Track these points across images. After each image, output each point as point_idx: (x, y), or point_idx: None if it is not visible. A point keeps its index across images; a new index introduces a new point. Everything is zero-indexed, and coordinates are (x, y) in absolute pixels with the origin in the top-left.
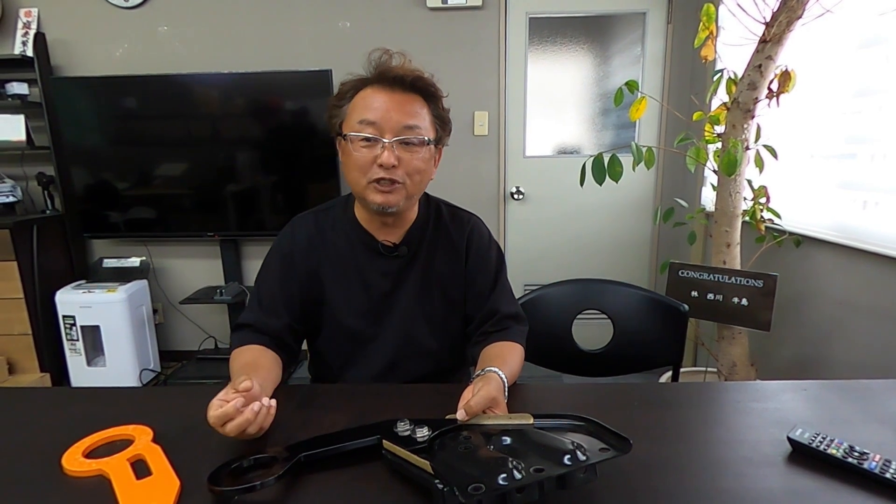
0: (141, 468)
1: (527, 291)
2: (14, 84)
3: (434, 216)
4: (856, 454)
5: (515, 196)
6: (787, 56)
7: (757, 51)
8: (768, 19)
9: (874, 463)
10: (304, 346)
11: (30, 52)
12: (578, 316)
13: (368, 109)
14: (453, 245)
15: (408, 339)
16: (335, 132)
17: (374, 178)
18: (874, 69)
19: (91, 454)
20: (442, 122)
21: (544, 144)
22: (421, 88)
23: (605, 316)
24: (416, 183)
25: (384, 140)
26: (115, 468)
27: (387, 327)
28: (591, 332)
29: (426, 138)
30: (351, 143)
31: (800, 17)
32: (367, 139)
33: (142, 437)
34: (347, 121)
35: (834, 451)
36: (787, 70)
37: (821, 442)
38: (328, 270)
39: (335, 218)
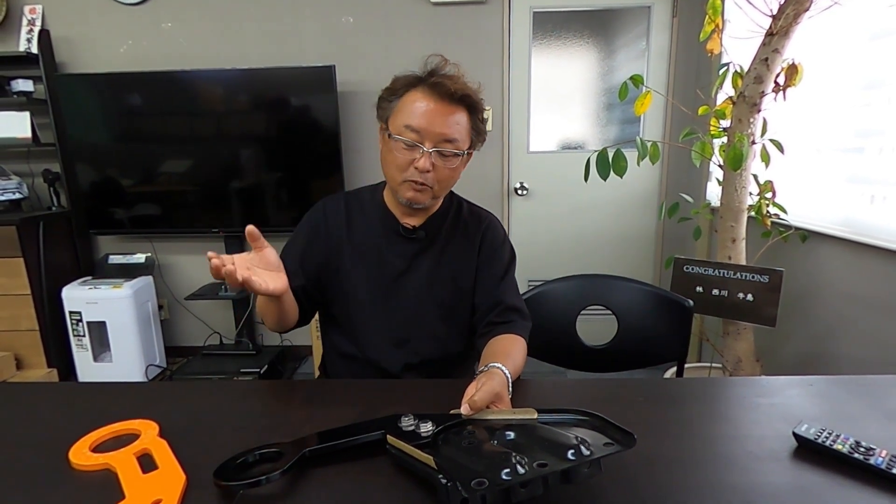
0: (147, 462)
1: (531, 287)
2: (19, 81)
3: (455, 210)
4: (862, 450)
5: (519, 191)
6: (794, 49)
7: (763, 44)
8: (775, 12)
9: (881, 458)
10: (309, 342)
11: (34, 49)
12: (583, 311)
13: (415, 115)
14: (468, 237)
15: (417, 320)
16: (381, 120)
17: (410, 178)
18: (884, 61)
19: (98, 448)
20: (477, 132)
21: (548, 139)
22: (467, 103)
23: (609, 311)
24: (443, 187)
25: (423, 147)
26: (122, 462)
27: (396, 305)
28: (596, 327)
29: (461, 151)
30: (394, 143)
31: (807, 9)
32: (409, 144)
33: (148, 432)
34: (394, 119)
35: (840, 447)
36: (793, 63)
37: (827, 437)
38: (350, 246)
39: (363, 200)
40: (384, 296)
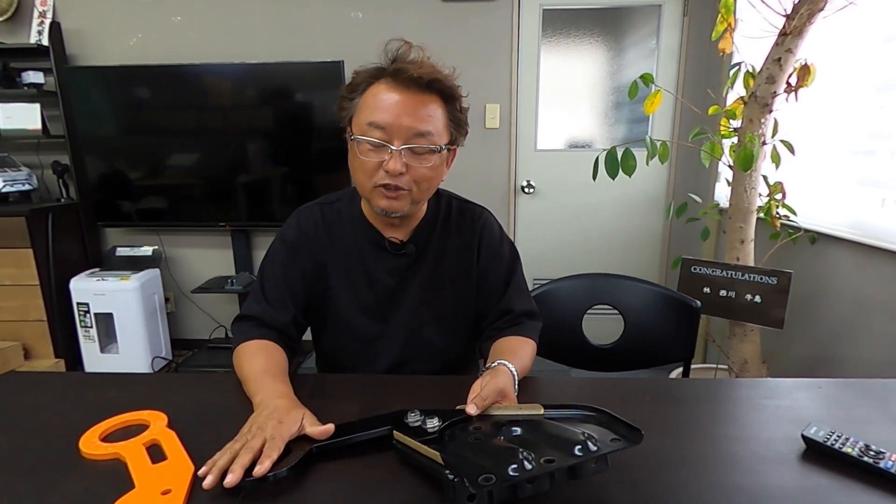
0: (156, 453)
1: (536, 286)
2: (30, 73)
3: (444, 213)
4: (872, 453)
5: (526, 190)
6: (806, 49)
7: (776, 44)
8: (789, 11)
9: (890, 462)
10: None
11: (45, 42)
12: (589, 310)
13: (379, 111)
14: (464, 241)
15: (415, 338)
16: (344, 125)
17: (381, 183)
18: None
19: (107, 438)
20: (457, 125)
21: (556, 138)
22: (438, 90)
23: (616, 311)
24: (423, 190)
25: (392, 147)
26: (131, 452)
27: (393, 325)
28: (602, 326)
29: (437, 146)
30: (358, 146)
31: (822, 9)
32: (376, 144)
33: (157, 423)
34: (357, 119)
35: (849, 450)
36: (806, 64)
37: (836, 440)
38: (333, 265)
39: (341, 211)
40: (377, 319)
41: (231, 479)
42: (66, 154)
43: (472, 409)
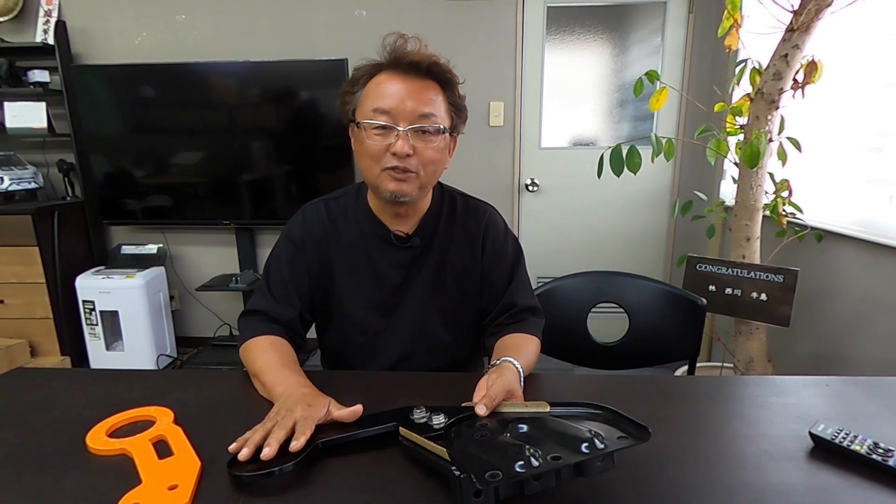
0: (163, 448)
1: (541, 283)
2: (35, 72)
3: (448, 206)
4: (880, 451)
5: (530, 188)
6: (814, 45)
7: (783, 40)
8: (796, 7)
9: None
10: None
11: (51, 40)
12: (594, 308)
13: (382, 97)
14: (468, 237)
15: (420, 332)
16: (347, 119)
17: (388, 167)
18: None
19: (114, 434)
20: (457, 110)
21: (560, 136)
22: (436, 75)
23: (620, 309)
24: (429, 173)
25: (398, 128)
26: (138, 448)
27: (398, 320)
28: (607, 324)
29: (441, 126)
30: (364, 131)
31: (829, 4)
32: (382, 127)
33: (163, 419)
34: (361, 108)
35: (857, 448)
36: (813, 60)
37: (844, 438)
38: (339, 260)
39: (346, 206)
40: (383, 313)
41: (268, 453)
42: (71, 152)
43: (481, 410)
